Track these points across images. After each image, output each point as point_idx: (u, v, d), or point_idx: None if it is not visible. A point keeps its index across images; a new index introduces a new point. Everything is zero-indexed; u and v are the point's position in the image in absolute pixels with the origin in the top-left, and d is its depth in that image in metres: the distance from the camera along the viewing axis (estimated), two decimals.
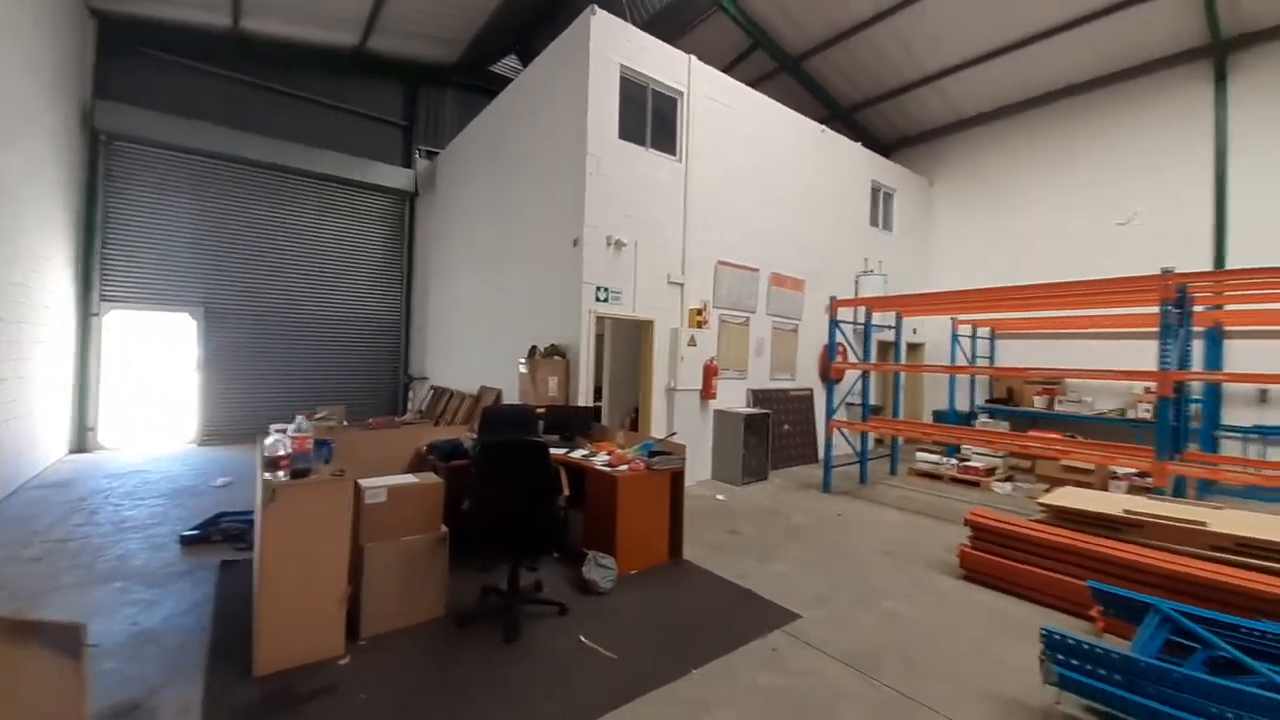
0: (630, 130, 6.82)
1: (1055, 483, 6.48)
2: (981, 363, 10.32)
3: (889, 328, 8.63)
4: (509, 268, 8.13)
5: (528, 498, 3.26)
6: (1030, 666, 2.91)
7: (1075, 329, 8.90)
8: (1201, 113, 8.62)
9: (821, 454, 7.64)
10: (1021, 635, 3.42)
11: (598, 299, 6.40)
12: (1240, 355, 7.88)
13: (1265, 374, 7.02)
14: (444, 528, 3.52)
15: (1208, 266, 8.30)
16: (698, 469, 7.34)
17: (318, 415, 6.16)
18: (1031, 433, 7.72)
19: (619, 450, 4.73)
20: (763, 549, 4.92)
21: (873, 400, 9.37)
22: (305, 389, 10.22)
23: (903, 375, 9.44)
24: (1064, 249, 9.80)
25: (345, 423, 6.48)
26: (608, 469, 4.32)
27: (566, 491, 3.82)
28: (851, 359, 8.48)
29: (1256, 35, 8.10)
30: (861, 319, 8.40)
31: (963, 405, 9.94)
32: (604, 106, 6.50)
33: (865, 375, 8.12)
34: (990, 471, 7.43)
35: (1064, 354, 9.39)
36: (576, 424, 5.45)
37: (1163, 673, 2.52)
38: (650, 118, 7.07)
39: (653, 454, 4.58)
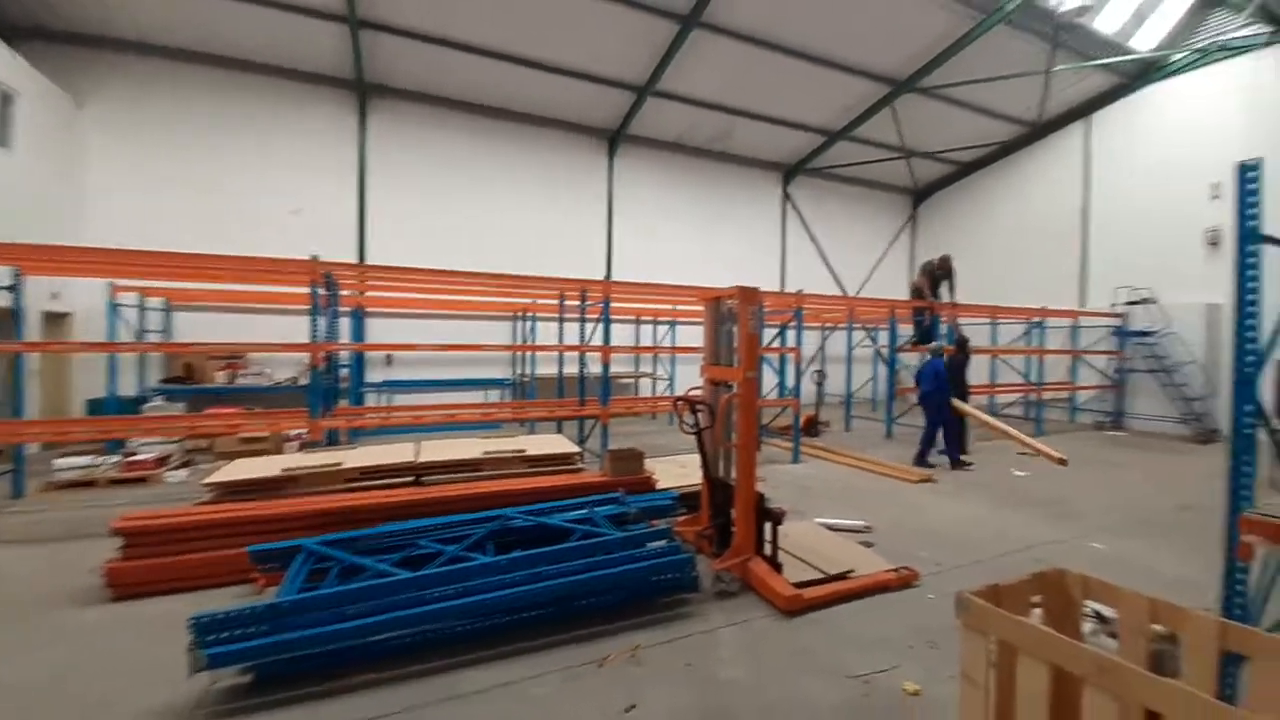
0: None
1: (236, 458, 6.51)
2: (156, 338, 9.00)
3: (6, 288, 5.96)
4: None
5: None
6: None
7: (257, 302, 9.21)
8: (349, 134, 10.76)
9: None
10: (183, 633, 3.16)
11: None
12: (378, 329, 10.60)
13: (391, 344, 9.78)
14: None
15: (354, 259, 10.59)
16: None
17: None
18: (209, 410, 7.44)
19: None
20: None
21: None
22: None
23: (32, 357, 6.81)
24: (250, 224, 9.84)
25: None
26: None
27: None
28: None
29: (387, 89, 10.87)
30: None
31: (131, 389, 8.37)
32: None
33: None
34: (163, 461, 6.61)
35: (249, 328, 9.54)
36: None
37: (301, 602, 2.93)
38: None
39: None
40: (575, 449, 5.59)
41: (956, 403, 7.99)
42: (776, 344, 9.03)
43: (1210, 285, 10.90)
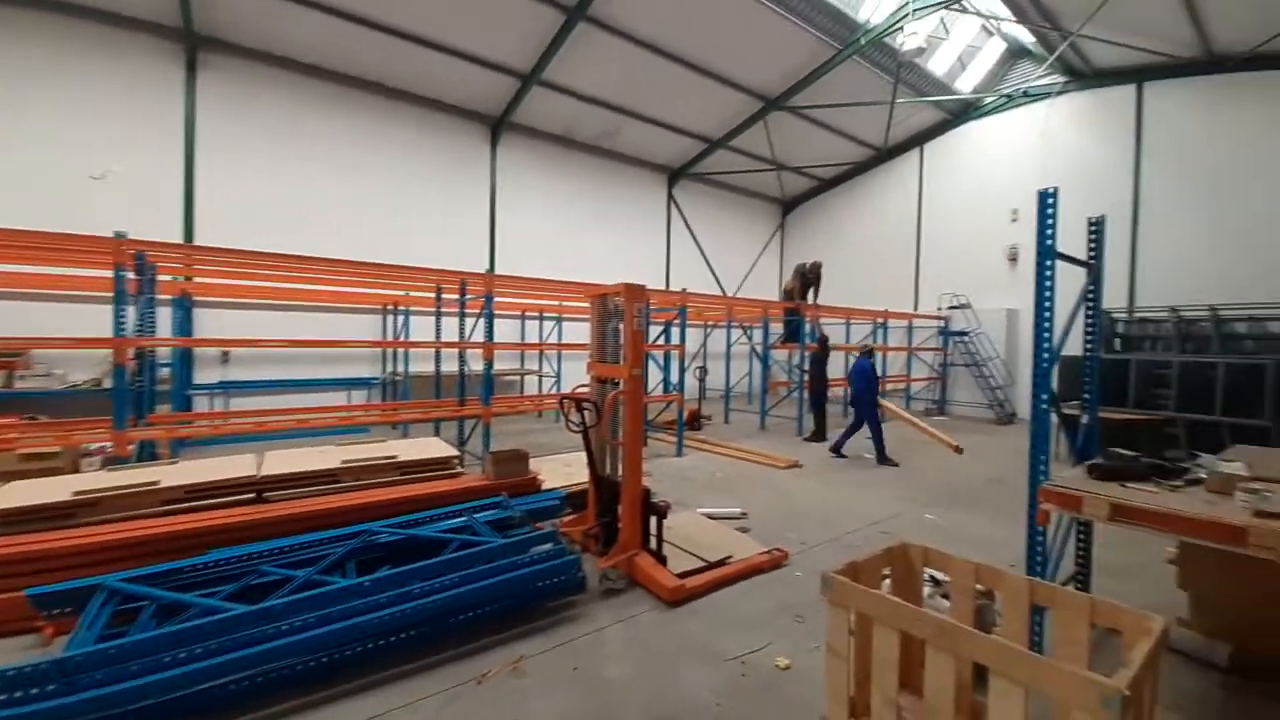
0: None
1: (14, 478, 5.22)
2: None
3: None
4: None
5: None
6: None
7: (44, 288, 7.45)
8: (174, 93, 9.03)
9: None
10: None
11: None
12: (209, 322, 9.10)
13: (226, 339, 8.47)
14: None
15: (180, 239, 8.97)
16: None
17: None
18: None
19: None
20: None
21: None
22: None
23: None
24: (46, 194, 7.87)
25: None
26: None
27: None
28: None
29: (222, 43, 9.22)
30: None
31: None
32: None
33: None
34: None
35: (31, 318, 7.67)
36: None
37: (98, 654, 2.40)
38: None
39: None
40: (454, 452, 5.24)
41: (882, 401, 8.65)
42: (662, 341, 9.26)
43: (1009, 293, 13.15)
